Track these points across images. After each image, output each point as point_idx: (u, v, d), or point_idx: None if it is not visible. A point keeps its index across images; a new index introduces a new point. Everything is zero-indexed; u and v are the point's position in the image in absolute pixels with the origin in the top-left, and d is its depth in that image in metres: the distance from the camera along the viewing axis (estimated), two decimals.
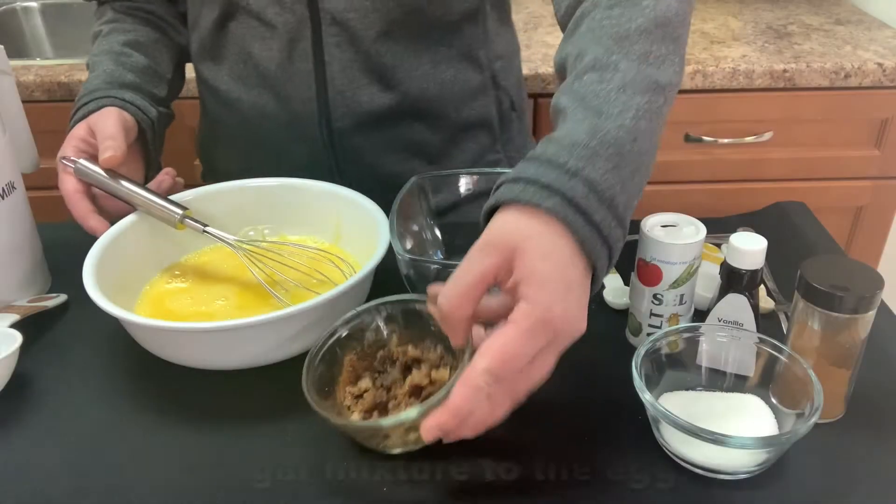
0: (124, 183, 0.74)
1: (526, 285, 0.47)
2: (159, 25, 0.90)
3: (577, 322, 0.49)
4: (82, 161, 0.75)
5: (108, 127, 0.76)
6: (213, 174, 0.97)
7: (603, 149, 0.50)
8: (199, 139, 0.98)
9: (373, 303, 0.62)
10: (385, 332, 0.62)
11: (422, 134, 0.86)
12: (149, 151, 0.84)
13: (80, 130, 0.77)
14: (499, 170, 0.78)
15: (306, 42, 0.79)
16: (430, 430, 0.48)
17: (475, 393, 0.47)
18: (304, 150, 0.85)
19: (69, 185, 0.75)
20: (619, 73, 0.54)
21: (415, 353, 0.61)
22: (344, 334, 0.61)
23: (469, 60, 0.85)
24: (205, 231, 0.72)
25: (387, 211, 0.71)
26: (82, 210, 0.74)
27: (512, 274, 0.48)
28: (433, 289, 0.53)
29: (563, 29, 0.65)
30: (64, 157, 0.76)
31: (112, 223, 0.73)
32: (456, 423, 0.48)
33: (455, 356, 0.59)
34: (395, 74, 0.81)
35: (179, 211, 0.72)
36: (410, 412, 0.52)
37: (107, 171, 0.74)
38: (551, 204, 0.48)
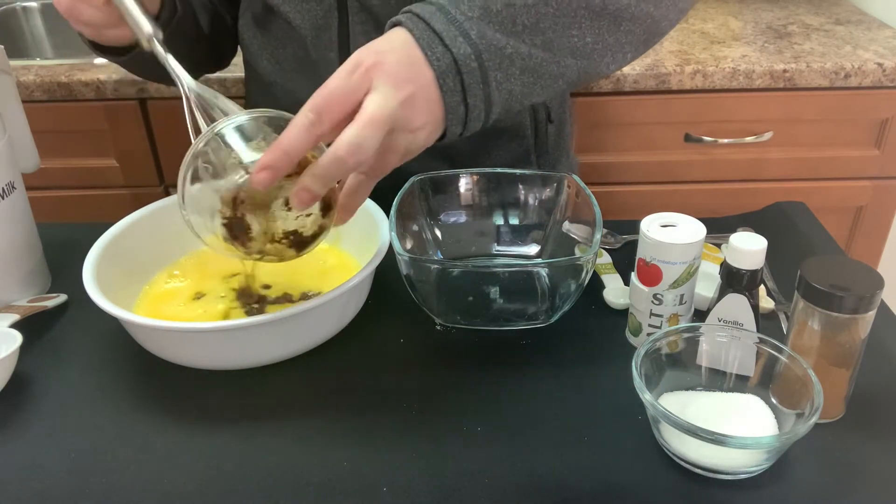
0: None
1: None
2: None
3: (392, 73, 0.53)
4: None
5: None
6: None
7: None
8: None
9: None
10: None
11: None
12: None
13: None
14: (499, 169, 0.78)
15: (332, 31, 0.79)
16: (258, 170, 0.52)
17: (299, 129, 0.52)
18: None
19: None
20: None
21: None
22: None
23: None
24: (167, 62, 0.66)
25: (387, 211, 0.71)
26: None
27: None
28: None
29: None
30: None
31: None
32: (281, 158, 0.52)
33: None
34: None
35: (149, 29, 0.66)
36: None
37: None
38: (403, 18, 0.57)
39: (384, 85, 0.53)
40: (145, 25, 0.66)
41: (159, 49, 0.66)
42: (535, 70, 0.59)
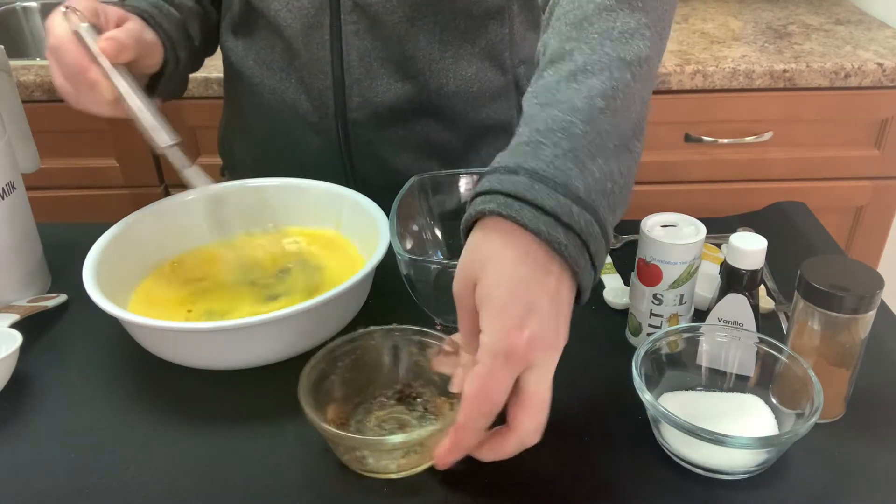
0: (128, 77, 0.63)
1: (483, 315, 0.46)
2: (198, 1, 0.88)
3: (547, 341, 0.46)
4: (85, 26, 0.62)
5: (129, 23, 0.67)
6: (230, 168, 0.96)
7: (546, 137, 0.47)
8: (220, 132, 0.98)
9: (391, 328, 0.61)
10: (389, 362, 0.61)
11: (438, 133, 0.85)
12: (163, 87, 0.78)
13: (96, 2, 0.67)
14: None
15: (324, 29, 0.78)
16: (441, 457, 0.51)
17: (463, 437, 0.49)
18: (319, 143, 0.84)
19: (62, 29, 0.62)
20: (570, 61, 0.50)
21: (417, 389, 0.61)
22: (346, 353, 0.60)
23: (492, 61, 0.84)
24: (183, 171, 0.63)
25: (387, 211, 0.71)
26: (82, 59, 0.62)
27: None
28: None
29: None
30: (69, 6, 0.64)
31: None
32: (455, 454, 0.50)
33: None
34: (414, 65, 0.80)
35: (167, 140, 0.62)
36: (395, 438, 0.53)
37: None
38: (494, 206, 0.46)
39: (543, 359, 0.47)
40: (161, 138, 0.62)
41: (178, 160, 0.63)
42: (628, 182, 0.51)
